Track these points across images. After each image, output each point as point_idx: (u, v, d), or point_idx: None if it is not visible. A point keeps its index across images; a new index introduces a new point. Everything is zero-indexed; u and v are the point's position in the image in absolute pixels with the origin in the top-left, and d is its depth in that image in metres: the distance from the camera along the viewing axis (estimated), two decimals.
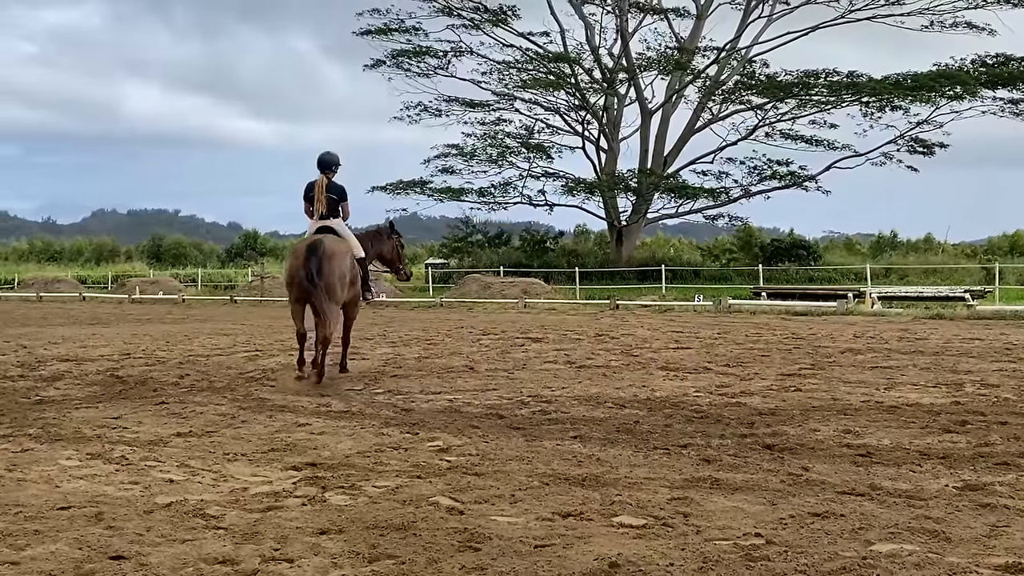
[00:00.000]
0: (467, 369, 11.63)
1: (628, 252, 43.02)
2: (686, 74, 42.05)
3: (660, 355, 13.20)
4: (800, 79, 40.63)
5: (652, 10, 43.79)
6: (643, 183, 42.38)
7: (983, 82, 38.56)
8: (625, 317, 23.04)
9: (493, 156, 44.62)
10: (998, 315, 20.67)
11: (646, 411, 8.19)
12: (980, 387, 9.51)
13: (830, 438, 6.81)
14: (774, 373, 10.86)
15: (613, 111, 44.10)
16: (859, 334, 16.46)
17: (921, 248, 47.22)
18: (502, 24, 43.90)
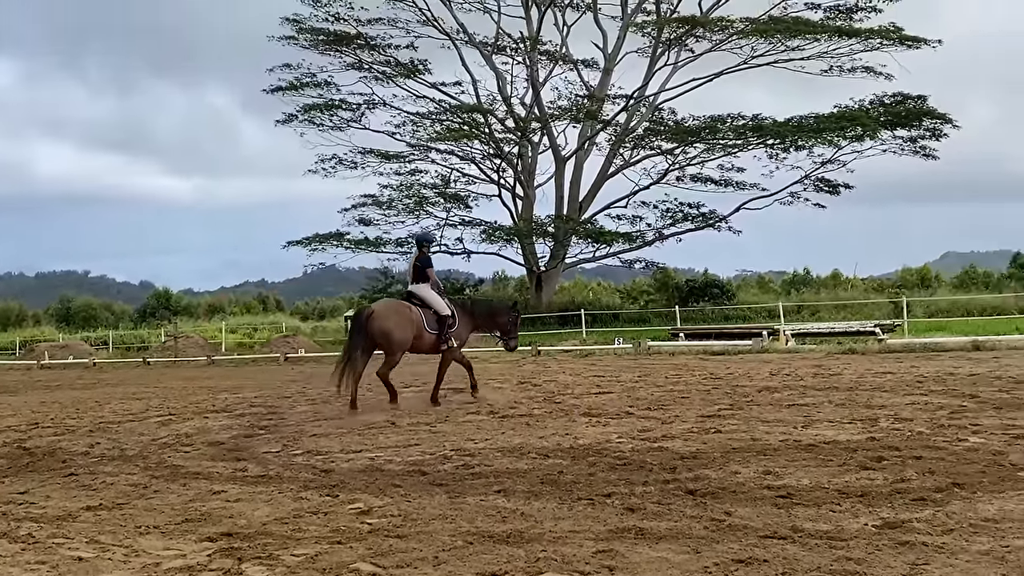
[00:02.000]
0: (389, 424, 11.48)
1: (548, 297, 43.21)
2: (597, 122, 42.71)
3: (582, 401, 13.21)
4: (707, 124, 41.55)
5: (562, 60, 44.49)
6: (560, 229, 42.74)
7: (882, 122, 39.89)
8: (547, 363, 23.07)
9: (410, 206, 44.61)
10: (908, 348, 21.20)
11: (570, 460, 8.16)
12: (894, 421, 9.71)
13: (751, 480, 6.86)
14: (694, 415, 10.94)
15: (528, 159, 44.51)
16: (775, 372, 16.72)
17: (830, 284, 48.37)
18: (414, 76, 44.17)
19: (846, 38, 39.79)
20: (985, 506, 5.85)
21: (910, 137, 40.35)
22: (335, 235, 44.02)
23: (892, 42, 39.33)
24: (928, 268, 49.16)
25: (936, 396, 11.93)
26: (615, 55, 44.23)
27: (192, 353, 34.84)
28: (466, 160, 45.08)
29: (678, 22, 41.49)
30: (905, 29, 39.29)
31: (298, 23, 44.19)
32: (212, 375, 25.34)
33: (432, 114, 44.42)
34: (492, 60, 44.72)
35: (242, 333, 48.30)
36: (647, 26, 43.00)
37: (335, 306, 61.34)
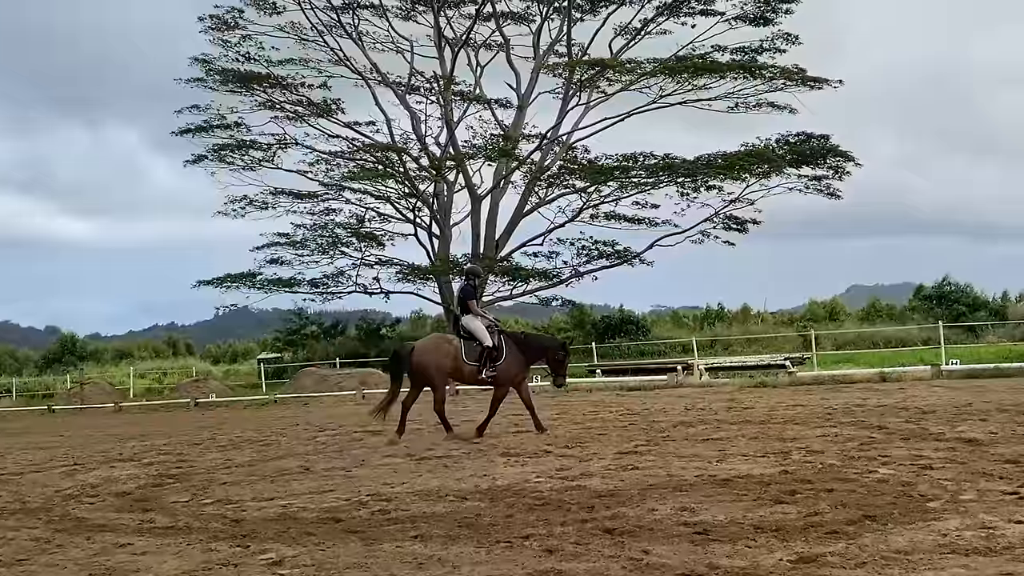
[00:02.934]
0: (303, 470, 11.26)
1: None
2: (512, 160, 42.96)
3: (501, 440, 13.16)
4: (620, 163, 42.04)
5: (476, 99, 44.73)
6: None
7: (788, 160, 40.90)
8: (466, 402, 22.95)
9: (324, 246, 44.13)
10: (817, 380, 21.68)
11: (488, 502, 8.09)
12: (806, 454, 9.87)
13: (668, 517, 6.88)
14: (612, 452, 10.97)
15: (443, 198, 44.46)
16: (690, 406, 16.91)
17: (742, 319, 49.23)
18: (327, 116, 43.91)
19: (751, 78, 40.81)
20: (896, 538, 5.95)
21: (814, 175, 41.42)
22: (247, 275, 43.26)
23: (795, 82, 40.45)
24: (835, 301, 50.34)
25: (846, 428, 12.19)
26: (528, 95, 44.65)
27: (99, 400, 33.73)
28: (381, 199, 44.83)
29: (588, 64, 42.09)
30: (808, 70, 40.48)
31: (207, 64, 43.67)
32: (120, 422, 24.62)
33: (346, 153, 44.18)
34: (406, 99, 44.73)
35: (151, 378, 47.08)
36: (559, 67, 43.53)
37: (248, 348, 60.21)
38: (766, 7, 41.46)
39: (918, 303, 44.38)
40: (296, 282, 43.99)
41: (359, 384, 29.67)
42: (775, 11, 41.49)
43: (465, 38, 44.35)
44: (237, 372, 48.80)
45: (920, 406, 14.49)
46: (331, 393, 28.95)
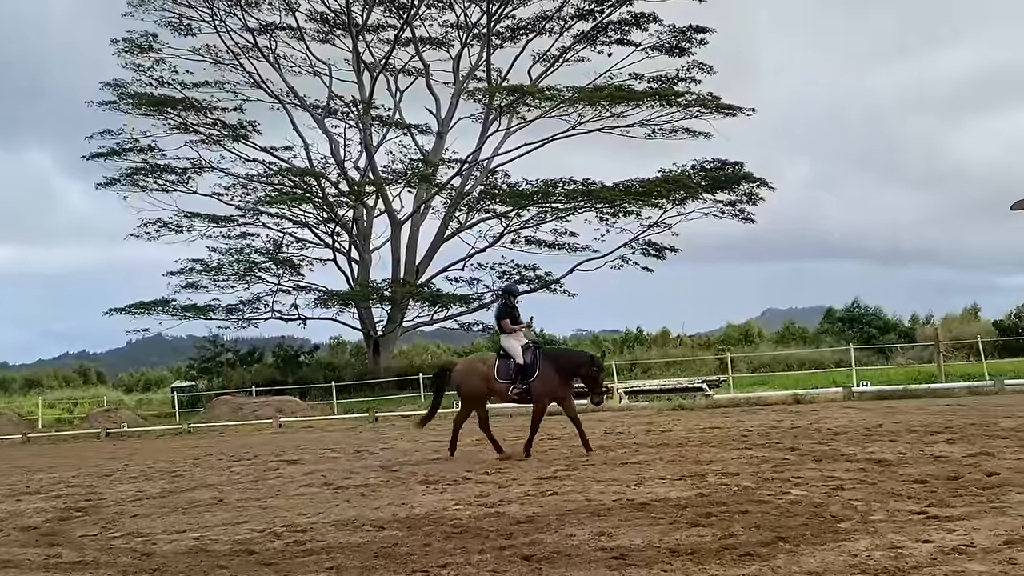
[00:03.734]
0: (216, 501, 11.01)
1: (386, 362, 42.74)
2: (432, 185, 42.98)
3: (420, 468, 13.05)
4: (540, 188, 42.41)
5: (395, 124, 44.70)
6: (397, 292, 42.51)
7: (703, 186, 41.70)
8: (385, 429, 22.73)
9: (240, 271, 43.51)
10: (733, 403, 21.99)
11: (406, 531, 8.00)
12: (722, 476, 9.98)
13: (585, 542, 6.88)
14: (531, 477, 10.96)
15: (363, 223, 44.24)
16: (609, 430, 17.00)
17: (660, 342, 49.75)
18: (243, 139, 43.47)
19: (667, 106, 41.56)
20: (808, 559, 6.03)
21: (729, 200, 42.28)
22: (160, 302, 42.38)
23: (710, 110, 41.32)
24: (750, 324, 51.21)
25: (760, 450, 12.37)
26: (448, 120, 44.80)
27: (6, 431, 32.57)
28: (299, 224, 44.45)
29: (508, 90, 42.41)
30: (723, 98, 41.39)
31: (120, 88, 42.91)
32: (27, 454, 23.83)
33: (262, 177, 43.73)
34: (324, 123, 44.54)
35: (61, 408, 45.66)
36: (479, 93, 43.80)
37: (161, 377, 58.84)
38: (681, 38, 42.36)
39: (830, 326, 45.39)
40: (211, 308, 43.29)
41: (276, 412, 29.19)
42: (690, 42, 42.45)
43: (384, 63, 44.42)
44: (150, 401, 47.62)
45: (832, 427, 14.77)
46: (247, 422, 28.42)
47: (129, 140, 43.08)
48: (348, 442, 19.10)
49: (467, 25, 44.35)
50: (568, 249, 44.07)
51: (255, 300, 43.81)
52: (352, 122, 44.81)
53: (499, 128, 44.07)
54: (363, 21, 43.71)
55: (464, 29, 44.51)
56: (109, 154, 42.95)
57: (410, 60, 45.44)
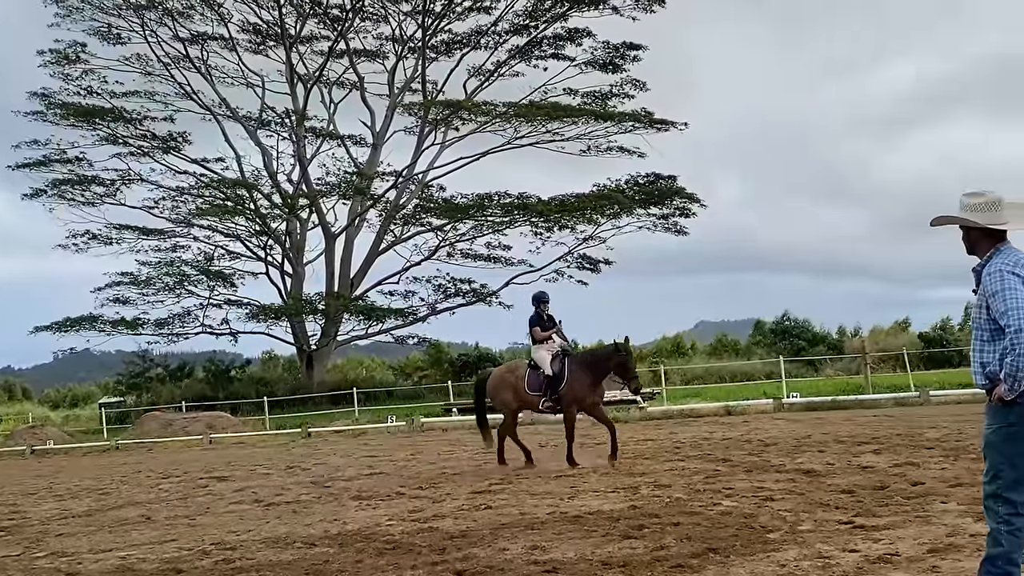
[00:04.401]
0: (144, 519, 10.79)
1: (319, 376, 42.29)
2: (366, 198, 42.75)
3: (353, 484, 12.93)
4: (476, 201, 42.43)
5: (329, 136, 44.40)
6: (331, 306, 42.15)
7: (637, 200, 42.09)
8: (318, 445, 22.50)
9: (170, 285, 42.76)
10: (666, 415, 22.18)
11: (337, 547, 7.92)
12: (654, 488, 10.04)
13: (519, 556, 6.87)
14: (466, 491, 10.92)
15: (296, 236, 43.81)
16: (544, 443, 17.01)
17: None
18: (173, 151, 42.82)
19: (601, 121, 41.90)
20: (738, 569, 6.10)
21: (662, 214, 42.72)
22: (88, 318, 41.43)
23: (644, 125, 41.74)
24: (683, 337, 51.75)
25: (693, 461, 12.49)
26: (383, 133, 44.63)
27: None
28: (231, 237, 43.86)
29: (443, 104, 42.42)
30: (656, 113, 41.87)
31: (47, 98, 42.01)
32: None
33: (193, 189, 43.09)
34: (256, 135, 44.04)
35: None
36: (414, 106, 43.72)
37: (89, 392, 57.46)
38: (615, 54, 42.77)
39: (761, 338, 46.01)
40: (140, 323, 42.48)
41: (206, 428, 28.71)
42: (623, 58, 42.87)
43: (318, 74, 44.12)
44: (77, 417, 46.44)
45: (763, 439, 14.97)
46: (176, 438, 27.89)
47: (56, 151, 42.20)
48: (280, 458, 18.85)
49: (402, 38, 44.30)
50: (504, 263, 44.15)
51: (185, 314, 43.09)
52: (285, 134, 44.41)
53: (434, 141, 44.05)
54: (296, 33, 43.39)
55: (399, 42, 44.42)
56: (35, 164, 42.00)
57: (344, 72, 45.22)
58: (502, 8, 42.36)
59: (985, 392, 4.91)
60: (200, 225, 43.35)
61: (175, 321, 42.90)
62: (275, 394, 38.03)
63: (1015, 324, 4.62)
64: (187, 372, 46.47)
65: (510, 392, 13.77)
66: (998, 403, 4.76)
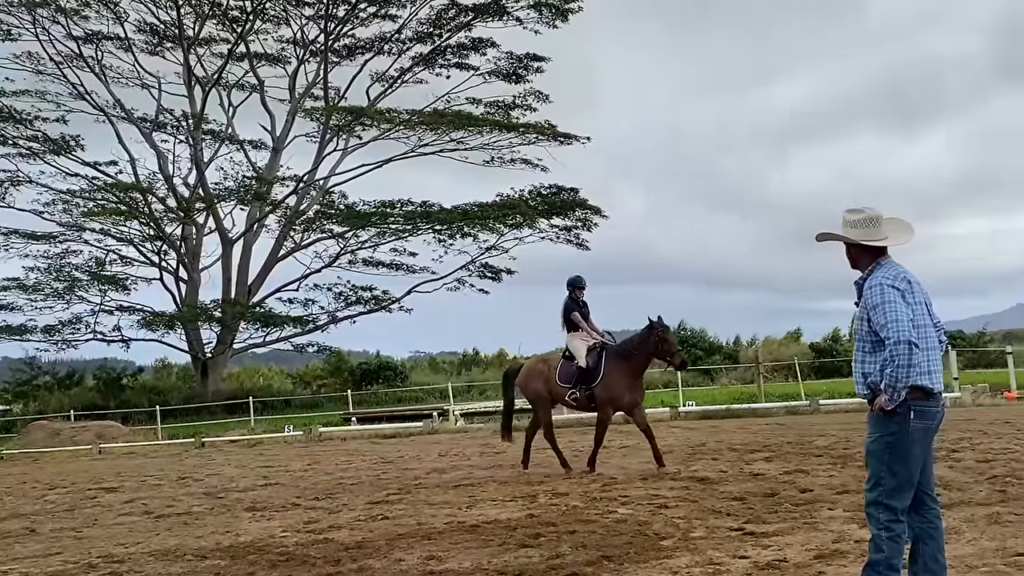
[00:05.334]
0: (28, 532, 10.40)
1: (215, 385, 41.41)
2: (265, 204, 42.08)
3: (247, 495, 12.68)
4: (378, 209, 42.17)
5: (228, 140, 43.61)
6: (227, 313, 41.34)
7: (540, 211, 42.40)
8: (212, 455, 21.99)
9: (60, 291, 41.40)
10: (565, 423, 22.29)
11: (229, 560, 7.76)
12: (552, 497, 10.11)
13: (415, 567, 6.83)
14: (363, 502, 10.82)
15: (192, 241, 42.88)
16: (444, 452, 16.97)
17: (497, 363, 50.17)
18: (65, 153, 41.48)
19: (505, 132, 42.09)
20: None
21: (565, 226, 43.13)
22: None
23: (547, 137, 42.07)
24: None
25: None
26: (284, 138, 44.00)
27: None
28: (124, 241, 42.68)
29: (346, 110, 42.08)
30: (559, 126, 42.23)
31: None
32: None
33: (85, 192, 41.80)
34: (152, 138, 42.97)
35: None
36: (315, 111, 43.22)
37: None
38: (518, 65, 43.02)
39: None
40: (27, 329, 41.05)
41: (96, 437, 27.82)
42: (527, 69, 43.16)
43: (217, 77, 43.29)
44: None
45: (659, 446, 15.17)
46: (65, 448, 26.97)
47: None
48: (172, 468, 18.38)
49: (304, 42, 43.76)
50: (406, 270, 44.00)
51: (75, 320, 41.79)
52: (182, 137, 43.45)
53: (336, 147, 43.65)
54: (195, 34, 42.47)
55: (301, 46, 43.89)
56: None
57: (244, 75, 44.47)
58: (406, 15, 42.26)
59: (867, 402, 5.09)
60: (92, 229, 42.12)
61: (64, 327, 41.55)
62: (168, 403, 37.09)
63: (895, 336, 4.80)
64: (76, 380, 45.02)
65: (542, 382, 12.88)
66: (879, 413, 4.94)
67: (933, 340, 5.04)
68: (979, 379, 25.91)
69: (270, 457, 19.56)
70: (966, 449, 11.95)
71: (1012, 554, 6.25)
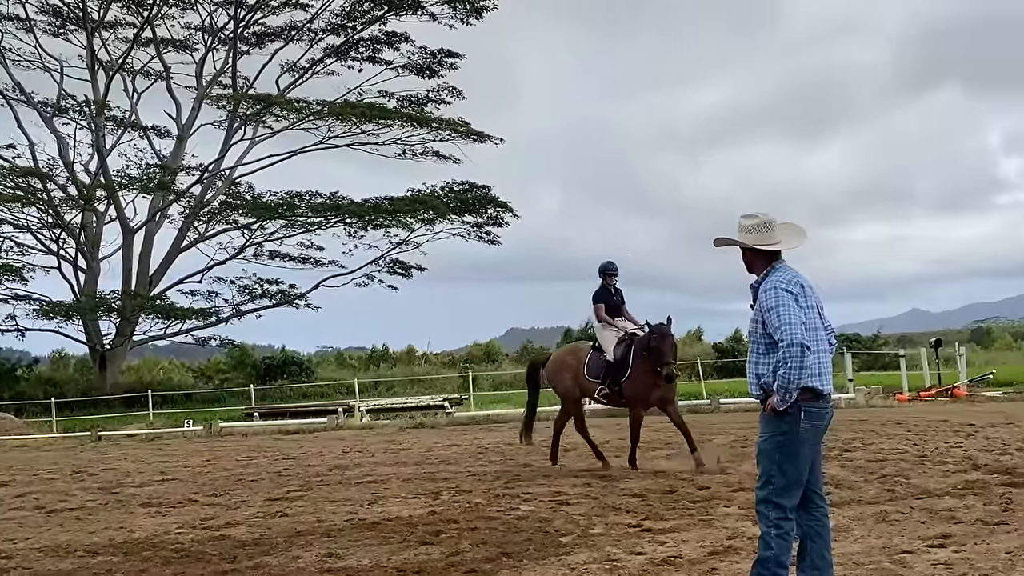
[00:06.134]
0: None
1: (113, 378, 40.34)
2: (169, 193, 41.13)
3: (143, 490, 12.39)
4: (285, 200, 41.59)
5: (131, 127, 42.50)
6: (127, 304, 40.29)
7: (452, 207, 42.35)
8: (108, 449, 21.41)
9: None
10: (473, 420, 22.38)
11: (122, 556, 7.58)
12: (455, 494, 10.12)
13: (312, 564, 6.78)
14: (262, 499, 10.67)
15: (92, 229, 41.67)
16: (347, 449, 16.84)
17: (405, 360, 49.99)
18: None
19: (417, 126, 41.91)
20: (529, 573, 6.23)
21: (476, 223, 43.17)
22: None
23: (460, 134, 42.02)
24: (494, 343, 52.40)
25: (495, 466, 12.67)
26: (190, 126, 43.04)
27: None
28: (20, 228, 41.25)
29: (254, 99, 41.38)
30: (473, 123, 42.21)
31: None
32: None
33: None
34: (52, 122, 41.62)
35: None
36: (223, 99, 42.38)
37: None
38: (432, 60, 42.86)
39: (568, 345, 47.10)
40: None
41: None
42: (441, 64, 43.00)
43: (121, 62, 42.13)
44: None
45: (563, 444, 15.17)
46: None
47: None
48: (66, 462, 17.84)
49: (212, 28, 42.83)
50: (314, 264, 43.47)
51: None
52: (84, 122, 42.15)
53: (244, 137, 42.86)
54: (100, 17, 41.22)
55: (209, 32, 42.95)
56: None
57: (150, 61, 43.32)
58: (319, 6, 41.71)
59: (759, 402, 5.22)
60: None
61: None
62: (65, 395, 36.02)
63: (787, 339, 4.94)
64: None
65: (571, 376, 12.16)
66: (771, 413, 5.08)
67: (824, 343, 5.21)
68: (873, 381, 26.83)
69: (168, 452, 19.14)
70: (858, 449, 12.34)
71: (898, 552, 6.47)
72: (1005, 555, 6.20)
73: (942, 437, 13.38)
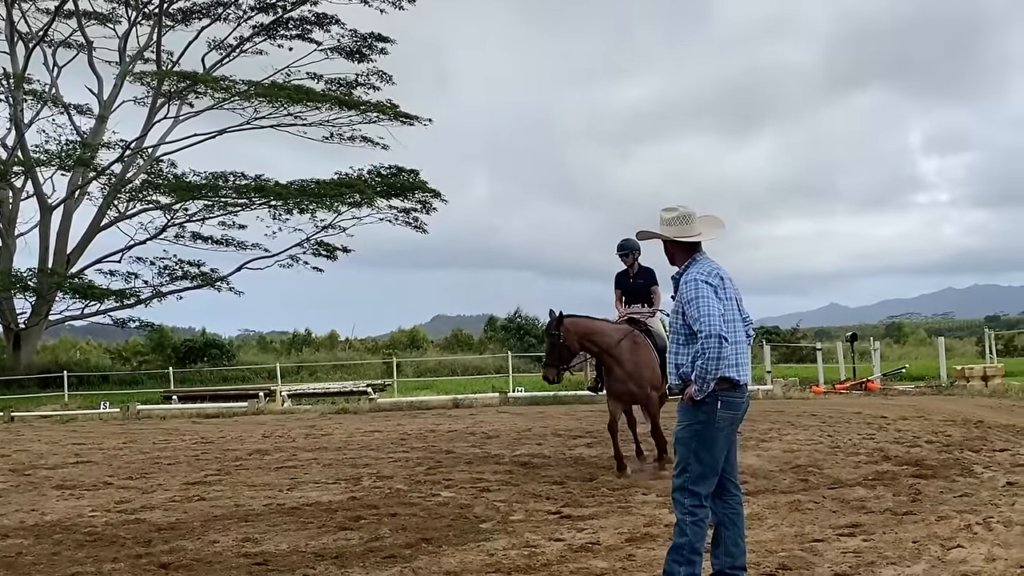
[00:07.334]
0: None
1: (28, 358, 39.26)
2: (89, 170, 40.11)
3: (56, 472, 12.11)
4: (209, 181, 40.85)
5: (51, 101, 41.32)
6: (43, 283, 39.22)
7: (379, 191, 42.03)
8: (21, 430, 20.88)
9: None
10: (396, 407, 22.31)
11: (33, 539, 7.42)
12: (376, 480, 10.09)
13: (229, 548, 6.71)
14: (179, 483, 10.51)
15: (8, 205, 40.45)
16: (268, 434, 16.66)
17: (329, 344, 49.57)
18: None
19: (345, 109, 41.49)
20: (448, 559, 6.25)
21: (404, 208, 42.96)
22: None
23: (388, 117, 41.71)
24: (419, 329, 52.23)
25: (417, 452, 12.65)
26: (111, 102, 41.99)
27: None
28: None
29: (179, 76, 40.54)
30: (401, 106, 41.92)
31: None
32: None
33: None
34: None
35: None
36: (147, 76, 41.43)
37: None
38: (362, 43, 42.45)
39: (493, 333, 47.21)
40: None
41: None
42: (371, 48, 42.61)
43: (42, 35, 40.91)
44: None
45: (486, 431, 15.37)
46: None
47: None
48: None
49: (137, 3, 41.84)
50: (237, 246, 42.80)
51: None
52: (1, 96, 40.88)
53: (168, 115, 41.97)
54: None
55: (133, 7, 41.93)
56: None
57: (72, 34, 42.17)
58: None
59: (678, 391, 5.32)
60: None
61: None
62: None
63: (706, 330, 5.03)
64: None
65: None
66: (688, 402, 5.17)
67: (742, 334, 5.32)
68: (791, 373, 27.38)
69: (84, 434, 18.73)
70: (774, 439, 12.60)
71: (810, 540, 6.64)
72: (912, 544, 6.40)
73: (855, 429, 13.72)
